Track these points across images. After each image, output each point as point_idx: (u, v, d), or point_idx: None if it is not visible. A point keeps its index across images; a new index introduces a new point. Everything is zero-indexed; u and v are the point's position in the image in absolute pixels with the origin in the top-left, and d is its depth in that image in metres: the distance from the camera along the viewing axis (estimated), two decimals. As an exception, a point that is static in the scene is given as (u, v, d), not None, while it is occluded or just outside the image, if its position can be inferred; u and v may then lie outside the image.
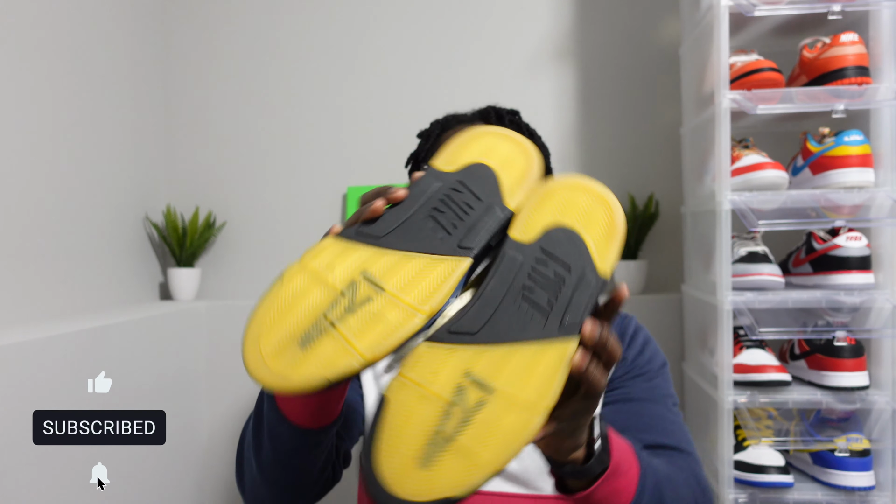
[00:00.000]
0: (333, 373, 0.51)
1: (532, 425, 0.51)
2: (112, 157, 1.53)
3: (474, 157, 0.62)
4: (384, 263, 0.56)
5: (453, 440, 0.51)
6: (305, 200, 1.76)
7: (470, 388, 0.52)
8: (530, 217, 0.58)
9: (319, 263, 0.56)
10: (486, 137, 0.64)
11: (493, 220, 0.58)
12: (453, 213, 0.58)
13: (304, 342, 0.53)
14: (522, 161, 0.62)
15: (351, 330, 0.53)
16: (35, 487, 1.05)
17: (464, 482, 0.50)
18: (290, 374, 0.52)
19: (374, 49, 1.76)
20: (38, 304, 1.27)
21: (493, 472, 0.50)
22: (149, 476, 1.40)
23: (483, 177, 0.61)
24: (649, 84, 1.70)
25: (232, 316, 1.68)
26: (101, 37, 1.51)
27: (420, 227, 0.58)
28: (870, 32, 1.28)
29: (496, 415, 0.52)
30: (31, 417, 1.05)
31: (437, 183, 0.60)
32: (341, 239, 0.58)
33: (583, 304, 0.54)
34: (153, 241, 1.73)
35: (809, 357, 1.28)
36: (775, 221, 1.21)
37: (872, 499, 1.22)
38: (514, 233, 0.58)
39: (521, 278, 0.55)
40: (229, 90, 1.78)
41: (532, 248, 0.56)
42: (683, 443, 0.83)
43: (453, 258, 0.56)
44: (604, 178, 1.70)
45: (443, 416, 0.52)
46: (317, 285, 0.55)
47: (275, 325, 0.54)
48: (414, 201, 0.59)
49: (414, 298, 0.54)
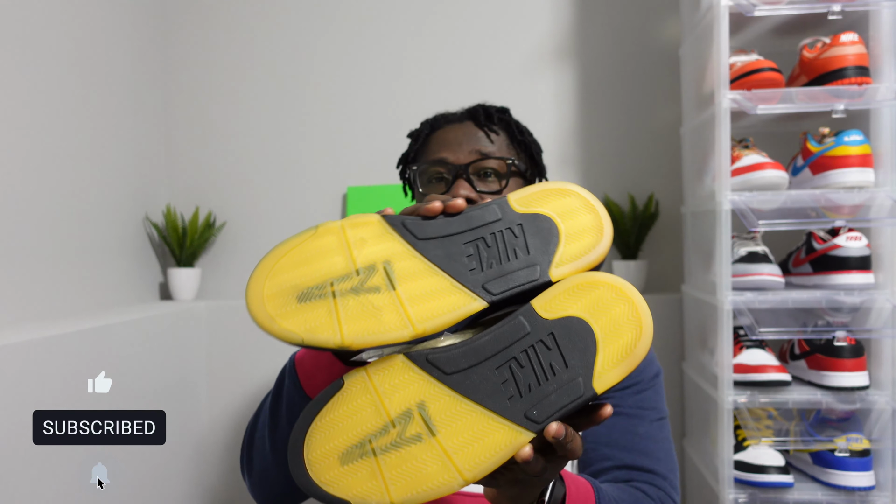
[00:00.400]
0: (310, 339, 0.53)
1: (449, 486, 0.52)
2: (112, 157, 1.53)
3: (548, 211, 0.58)
4: (409, 265, 0.56)
5: (375, 456, 0.53)
6: (305, 200, 1.76)
7: (416, 419, 0.53)
8: (562, 296, 0.55)
9: (355, 235, 0.56)
10: (572, 199, 0.59)
11: (529, 279, 0.56)
12: (496, 252, 0.57)
13: (302, 298, 0.54)
14: (591, 238, 0.58)
15: (346, 309, 0.54)
16: (35, 487, 1.05)
17: (365, 497, 0.52)
18: (276, 319, 0.53)
19: (374, 49, 1.76)
20: (38, 304, 1.27)
21: (391, 503, 0.52)
22: (148, 476, 1.40)
23: (545, 234, 0.57)
24: (649, 84, 1.70)
25: (232, 316, 1.68)
26: (102, 37, 1.51)
27: (458, 250, 0.56)
28: (870, 32, 1.28)
29: (423, 457, 0.52)
30: (31, 417, 1.05)
31: (499, 217, 0.58)
32: (385, 222, 0.57)
33: (556, 407, 0.52)
34: (153, 241, 1.73)
35: (809, 357, 1.28)
36: (775, 221, 1.21)
37: (872, 499, 1.22)
38: (538, 302, 0.55)
39: (517, 349, 0.54)
40: (229, 90, 1.78)
41: (544, 327, 0.54)
42: (662, 466, 0.82)
43: (471, 295, 0.55)
44: (604, 178, 1.71)
45: (379, 430, 0.53)
46: (341, 253, 0.56)
47: (286, 269, 0.55)
48: (467, 222, 0.57)
49: (415, 312, 0.54)
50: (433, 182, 0.91)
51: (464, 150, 0.90)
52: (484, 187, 0.89)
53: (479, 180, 0.90)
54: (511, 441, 0.52)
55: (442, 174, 0.91)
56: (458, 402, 0.53)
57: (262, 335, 1.33)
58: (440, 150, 0.92)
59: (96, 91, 1.48)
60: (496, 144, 0.92)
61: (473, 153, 0.90)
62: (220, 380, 1.67)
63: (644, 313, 0.53)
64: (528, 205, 0.58)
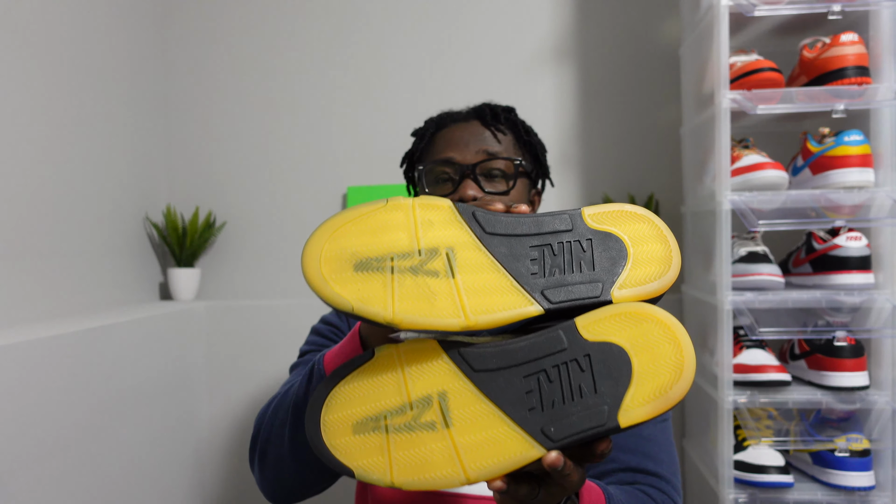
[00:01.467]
0: (360, 309, 0.53)
1: (451, 481, 0.52)
2: (112, 157, 1.53)
3: (620, 233, 0.57)
4: (471, 256, 0.55)
5: (387, 434, 0.53)
6: (305, 200, 1.76)
7: (434, 406, 0.53)
8: (608, 320, 0.53)
9: (424, 216, 0.56)
10: (646, 226, 0.58)
11: (590, 294, 0.54)
12: (562, 262, 0.55)
13: (360, 267, 0.54)
14: (658, 268, 0.56)
15: (402, 287, 0.53)
16: (35, 487, 1.05)
17: (368, 470, 0.52)
18: (330, 283, 0.53)
19: (374, 49, 1.76)
20: (38, 304, 1.27)
21: (393, 484, 0.52)
22: (149, 475, 1.40)
23: (614, 254, 0.56)
24: (649, 84, 1.70)
25: (232, 316, 1.68)
26: (101, 37, 1.51)
27: (524, 252, 0.56)
28: (870, 32, 1.28)
29: (432, 446, 0.52)
30: (30, 417, 1.05)
31: (570, 228, 0.57)
32: (456, 209, 0.57)
33: (576, 430, 0.51)
34: (153, 241, 1.73)
35: (809, 357, 1.28)
36: (775, 221, 1.21)
37: (872, 499, 1.22)
38: (581, 321, 0.53)
39: (549, 363, 0.53)
40: (229, 90, 1.78)
41: (582, 347, 0.53)
42: (666, 469, 0.82)
43: (529, 298, 0.54)
44: (604, 178, 1.71)
45: (396, 409, 0.53)
46: (407, 231, 0.55)
47: (349, 235, 0.55)
48: (537, 226, 0.57)
49: (471, 304, 0.53)
50: (439, 182, 0.91)
51: (471, 149, 0.90)
52: (491, 188, 0.89)
53: (485, 181, 0.89)
54: (522, 452, 0.51)
55: (448, 174, 0.90)
56: (479, 400, 0.53)
57: (262, 335, 1.34)
58: (446, 149, 0.91)
59: (96, 91, 1.48)
60: (503, 145, 0.91)
61: (480, 153, 0.89)
62: (220, 380, 1.67)
63: (688, 358, 0.51)
64: (601, 222, 0.57)
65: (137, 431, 1.36)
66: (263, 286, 1.77)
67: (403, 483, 0.52)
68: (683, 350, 0.51)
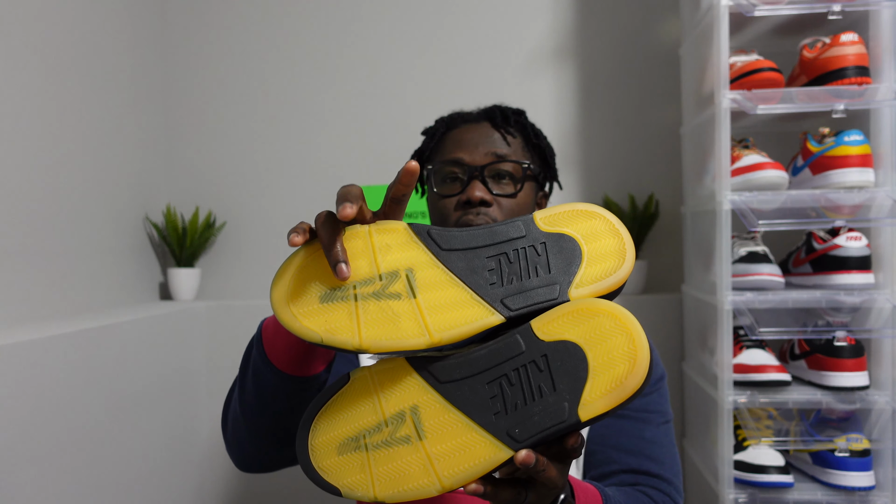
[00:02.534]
0: (329, 339, 0.54)
1: (427, 490, 0.53)
2: (112, 156, 1.53)
3: (573, 232, 0.58)
4: (430, 275, 0.56)
5: (367, 451, 0.55)
6: (305, 200, 1.76)
7: (408, 420, 0.55)
8: (562, 319, 0.54)
9: (381, 241, 0.57)
10: (597, 222, 0.58)
11: (548, 297, 0.55)
12: (518, 269, 0.56)
13: (325, 298, 0.56)
14: (613, 262, 0.57)
15: (367, 313, 0.55)
16: (35, 487, 1.05)
17: (352, 487, 0.55)
18: (298, 317, 0.55)
19: (374, 49, 1.76)
20: (38, 304, 1.27)
21: (377, 498, 0.54)
22: (149, 476, 1.40)
23: (568, 254, 0.57)
24: (649, 84, 1.70)
25: (232, 316, 1.68)
26: (102, 37, 1.51)
27: (481, 263, 0.57)
28: (870, 32, 1.28)
29: (408, 459, 0.54)
30: (30, 417, 1.05)
31: (523, 234, 0.57)
32: (411, 230, 0.58)
33: (539, 428, 0.52)
34: (153, 241, 1.73)
35: (809, 357, 1.28)
36: (775, 221, 1.21)
37: (872, 499, 1.22)
38: (537, 323, 0.54)
39: (509, 367, 0.54)
40: (229, 90, 1.78)
41: (538, 348, 0.54)
42: (667, 471, 0.83)
43: (489, 309, 0.55)
44: (604, 178, 1.71)
45: (374, 428, 0.55)
46: (366, 257, 0.57)
47: (311, 269, 0.57)
48: (492, 236, 0.57)
49: (433, 322, 0.55)
50: (447, 181, 0.92)
51: (480, 151, 0.90)
52: (499, 190, 0.89)
53: (494, 182, 0.90)
54: (490, 456, 0.53)
55: (457, 174, 0.91)
56: (448, 410, 0.54)
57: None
58: (456, 149, 0.92)
59: (96, 91, 1.48)
60: (512, 147, 0.92)
61: (489, 155, 0.90)
62: (220, 380, 1.67)
63: (640, 348, 0.52)
64: (553, 224, 0.58)
65: (137, 431, 1.36)
66: (263, 286, 1.77)
67: (386, 496, 0.54)
68: (636, 340, 0.52)
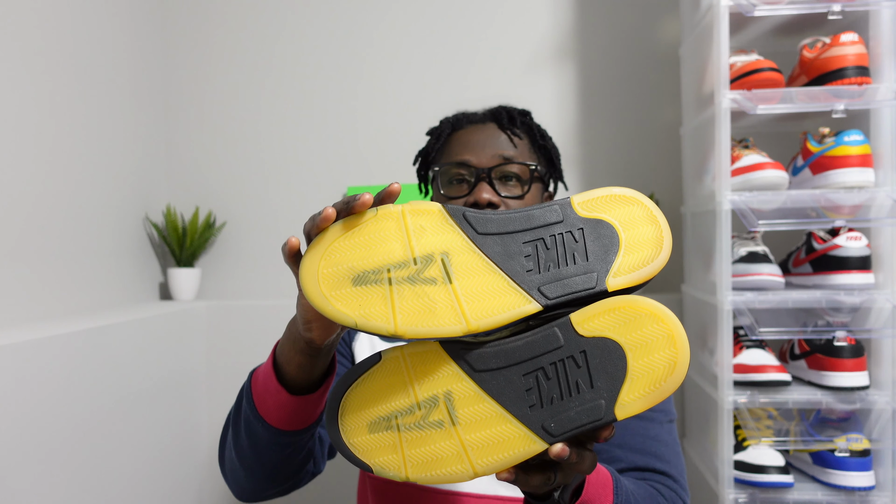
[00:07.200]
0: (364, 324, 0.53)
1: (461, 476, 0.53)
2: (112, 157, 1.53)
3: (611, 218, 0.56)
4: (467, 260, 0.55)
5: (397, 433, 0.54)
6: (305, 200, 1.76)
7: (441, 405, 0.54)
8: (603, 315, 0.53)
9: (415, 222, 0.56)
10: (636, 208, 0.57)
11: (586, 286, 0.54)
12: (555, 255, 0.55)
13: (358, 281, 0.54)
14: (650, 251, 0.55)
15: (402, 298, 0.54)
16: (35, 488, 1.05)
17: (384, 466, 0.54)
18: (331, 300, 0.54)
19: (375, 49, 1.76)
20: (38, 304, 1.27)
21: (409, 479, 0.54)
22: (148, 475, 1.40)
23: (605, 241, 0.55)
24: (649, 84, 1.70)
25: (232, 316, 1.68)
26: (101, 36, 1.51)
27: (517, 249, 0.55)
28: (870, 32, 1.28)
29: (441, 443, 0.54)
30: (30, 417, 1.05)
31: (560, 219, 0.56)
32: (446, 212, 0.57)
33: (574, 425, 0.52)
34: (153, 241, 1.73)
35: (809, 357, 1.28)
36: (775, 221, 1.21)
37: (872, 499, 1.22)
38: (577, 317, 0.53)
39: (546, 360, 0.53)
40: (229, 90, 1.78)
41: (577, 343, 0.53)
42: (673, 469, 0.83)
43: (527, 297, 0.54)
44: (604, 178, 1.71)
45: (405, 410, 0.55)
46: (400, 240, 0.55)
47: (342, 251, 0.55)
48: (528, 221, 0.56)
49: (470, 309, 0.54)
50: (454, 183, 0.92)
51: (486, 153, 0.90)
52: (506, 191, 0.89)
53: (501, 184, 0.90)
54: (524, 448, 0.53)
55: (464, 176, 0.91)
56: (483, 399, 0.54)
57: (262, 335, 1.35)
58: (462, 151, 0.92)
59: (96, 91, 1.48)
60: (519, 149, 0.92)
61: (496, 157, 0.90)
62: (220, 380, 1.67)
63: (682, 351, 0.51)
64: (591, 209, 0.57)
65: (137, 431, 1.36)
66: (263, 286, 1.77)
67: (418, 478, 0.54)
68: (677, 343, 0.51)
